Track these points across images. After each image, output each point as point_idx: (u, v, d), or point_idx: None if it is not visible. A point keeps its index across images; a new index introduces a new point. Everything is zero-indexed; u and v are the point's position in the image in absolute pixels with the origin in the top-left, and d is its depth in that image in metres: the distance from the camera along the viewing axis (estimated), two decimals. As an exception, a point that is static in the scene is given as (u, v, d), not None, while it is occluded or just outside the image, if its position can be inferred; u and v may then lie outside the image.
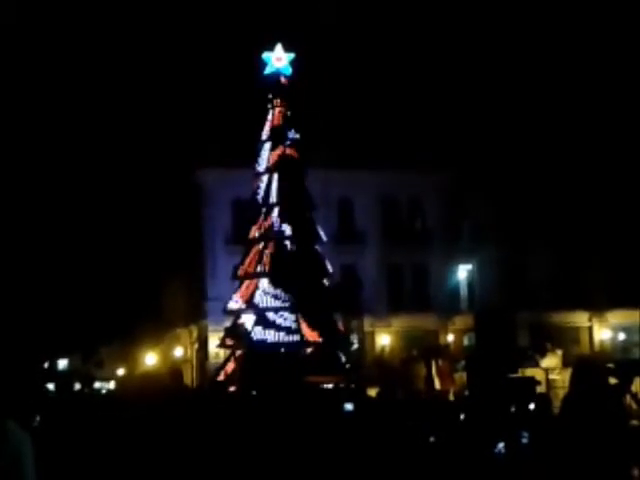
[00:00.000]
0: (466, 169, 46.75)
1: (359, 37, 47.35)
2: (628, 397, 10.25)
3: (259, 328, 30.76)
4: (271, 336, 30.53)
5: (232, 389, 24.56)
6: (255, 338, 30.56)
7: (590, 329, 49.05)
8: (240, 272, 32.64)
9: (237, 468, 8.76)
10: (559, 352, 26.23)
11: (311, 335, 30.71)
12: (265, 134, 33.20)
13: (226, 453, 8.89)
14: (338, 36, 46.49)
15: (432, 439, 9.73)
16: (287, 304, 30.89)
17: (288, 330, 30.63)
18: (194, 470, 8.72)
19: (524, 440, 10.06)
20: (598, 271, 47.08)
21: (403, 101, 47.01)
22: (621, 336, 48.04)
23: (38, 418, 9.73)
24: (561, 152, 46.72)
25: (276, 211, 32.21)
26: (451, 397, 17.97)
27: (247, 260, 32.39)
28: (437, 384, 20.29)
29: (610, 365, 11.85)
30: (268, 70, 33.53)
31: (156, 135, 48.64)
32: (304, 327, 30.76)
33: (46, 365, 39.62)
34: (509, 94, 47.81)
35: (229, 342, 32.16)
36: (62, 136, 49.75)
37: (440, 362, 18.65)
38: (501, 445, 9.86)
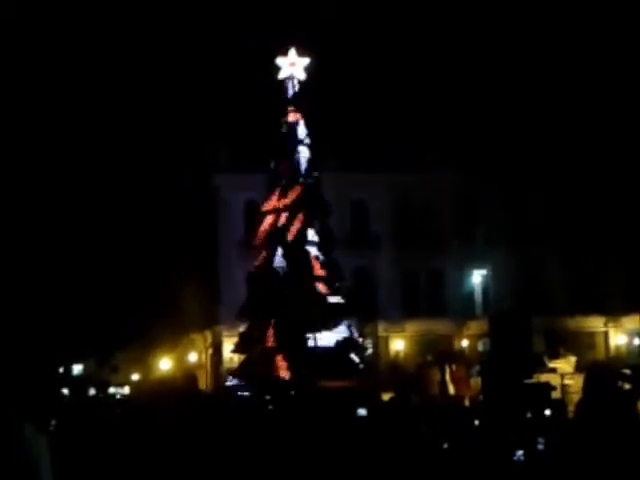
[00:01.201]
0: (481, 174, 46.66)
1: (371, 40, 47.36)
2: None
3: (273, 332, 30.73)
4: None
5: (246, 394, 24.56)
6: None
7: (606, 334, 48.81)
8: (253, 275, 32.64)
9: (251, 472, 8.77)
10: (572, 358, 26.08)
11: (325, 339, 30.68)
12: (279, 138, 33.20)
13: (240, 457, 8.90)
14: (350, 39, 46.53)
15: (445, 445, 9.70)
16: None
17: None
18: (208, 474, 8.73)
19: (540, 446, 10.02)
20: (613, 276, 46.90)
21: (418, 104, 46.97)
22: (637, 341, 47.81)
23: (53, 422, 9.77)
24: (576, 157, 46.56)
25: (289, 214, 32.19)
26: (466, 403, 17.89)
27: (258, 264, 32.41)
28: (451, 389, 20.22)
29: (626, 370, 11.81)
30: (282, 75, 33.56)
31: (171, 140, 48.78)
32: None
33: (61, 370, 39.74)
34: (524, 98, 47.70)
35: (243, 347, 32.15)
36: (76, 140, 49.94)
37: (454, 367, 18.59)
38: (520, 452, 9.81)
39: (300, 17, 40.86)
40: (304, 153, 32.77)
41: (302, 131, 33.00)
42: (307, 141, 32.94)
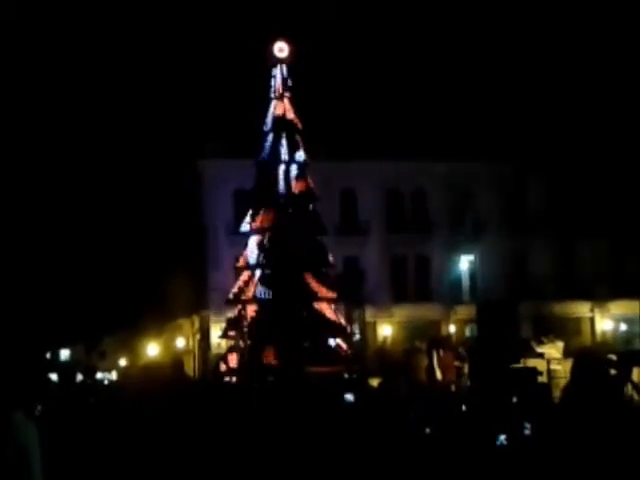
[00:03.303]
0: (468, 160, 46.68)
1: (360, 28, 47.28)
2: (629, 387, 10.26)
3: (259, 318, 30.77)
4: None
5: (233, 380, 24.61)
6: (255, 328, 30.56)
7: (592, 320, 49.06)
8: (241, 262, 32.68)
9: (237, 458, 8.78)
10: (559, 343, 26.17)
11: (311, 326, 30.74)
12: (267, 125, 33.15)
13: (226, 443, 8.92)
14: (339, 27, 46.43)
15: (428, 430, 9.73)
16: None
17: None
18: (194, 460, 8.75)
19: (526, 431, 10.06)
20: (600, 262, 47.07)
21: (405, 92, 46.95)
22: (623, 327, 48.04)
23: (40, 407, 9.75)
24: (564, 145, 46.66)
25: (277, 203, 32.18)
26: (453, 388, 17.93)
27: (247, 251, 32.40)
28: (439, 375, 20.25)
29: (612, 356, 11.87)
30: (270, 62, 33.43)
31: (158, 126, 48.65)
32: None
33: (48, 355, 39.72)
34: (511, 84, 47.74)
35: (231, 333, 32.18)
36: (63, 129, 49.76)
37: (442, 353, 18.61)
38: (503, 437, 9.86)
39: (289, 4, 40.74)
40: (289, 139, 32.71)
41: (289, 117, 32.94)
42: (293, 127, 32.87)
